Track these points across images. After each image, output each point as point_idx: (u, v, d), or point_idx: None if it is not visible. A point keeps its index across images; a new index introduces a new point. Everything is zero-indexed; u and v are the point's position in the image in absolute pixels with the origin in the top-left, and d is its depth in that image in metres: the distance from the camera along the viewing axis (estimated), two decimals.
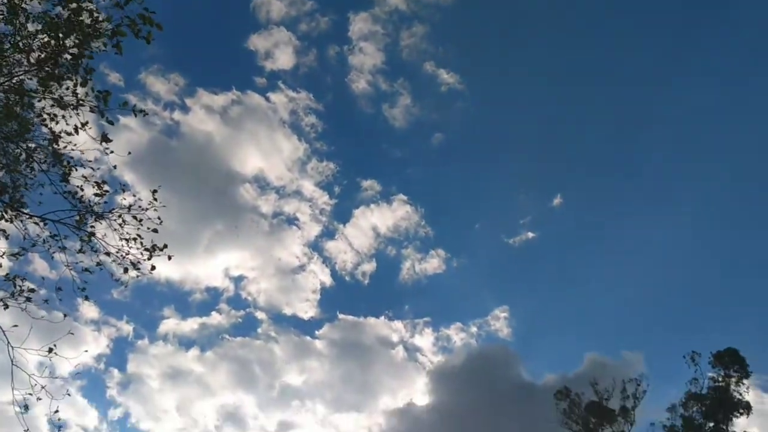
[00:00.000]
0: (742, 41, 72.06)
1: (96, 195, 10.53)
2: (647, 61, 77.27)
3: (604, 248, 77.93)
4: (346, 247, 71.34)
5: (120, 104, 9.47)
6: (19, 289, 10.43)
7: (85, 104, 9.57)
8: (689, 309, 74.75)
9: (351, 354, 70.33)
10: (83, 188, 10.57)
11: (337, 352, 70.75)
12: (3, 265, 10.56)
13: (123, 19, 8.38)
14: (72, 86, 9.33)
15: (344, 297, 74.77)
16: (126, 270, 10.79)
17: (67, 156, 10.46)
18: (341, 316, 71.42)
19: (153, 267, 10.83)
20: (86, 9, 8.54)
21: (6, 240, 10.83)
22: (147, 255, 10.70)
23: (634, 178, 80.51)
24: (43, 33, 8.92)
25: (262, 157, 73.64)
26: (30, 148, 10.46)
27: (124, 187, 10.79)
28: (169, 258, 10.73)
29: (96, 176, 10.55)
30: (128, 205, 10.68)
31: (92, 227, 10.68)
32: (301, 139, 71.49)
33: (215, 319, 66.70)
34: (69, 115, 9.74)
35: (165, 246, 10.69)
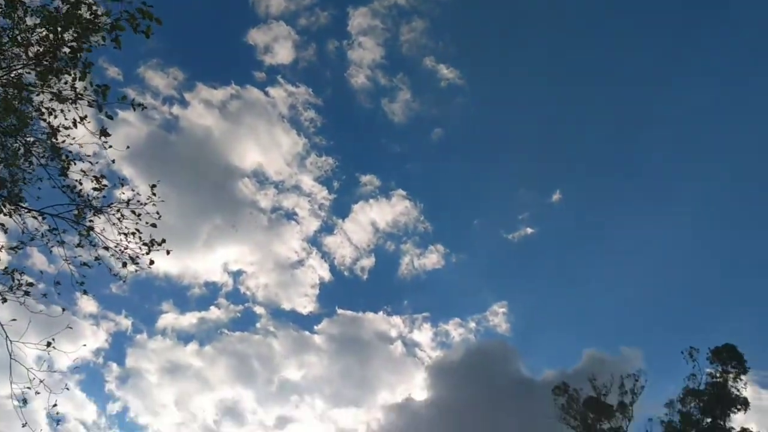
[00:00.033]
0: (742, 41, 71.91)
1: (94, 189, 10.53)
2: (647, 60, 77.18)
3: (602, 244, 78.04)
4: (345, 242, 71.27)
5: (119, 98, 9.46)
6: (17, 282, 10.46)
7: (83, 98, 9.55)
8: (687, 305, 74.91)
9: (350, 349, 70.43)
10: (82, 182, 10.58)
11: (336, 347, 70.85)
12: (2, 259, 10.57)
13: (122, 13, 8.36)
14: (71, 80, 9.31)
15: (343, 292, 74.78)
16: (125, 264, 10.80)
17: (66, 150, 10.46)
18: (340, 311, 71.51)
19: (152, 261, 10.84)
20: (85, 3, 8.51)
21: (4, 234, 10.84)
22: (146, 249, 10.71)
23: (633, 175, 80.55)
24: (42, 27, 8.89)
25: (261, 151, 73.57)
26: (29, 142, 10.45)
27: (122, 181, 10.81)
28: (168, 253, 10.73)
29: (95, 170, 10.57)
30: (127, 200, 10.68)
31: (91, 221, 10.68)
32: (300, 134, 71.32)
33: (214, 313, 66.72)
34: (67, 109, 9.73)
35: (163, 241, 10.71)
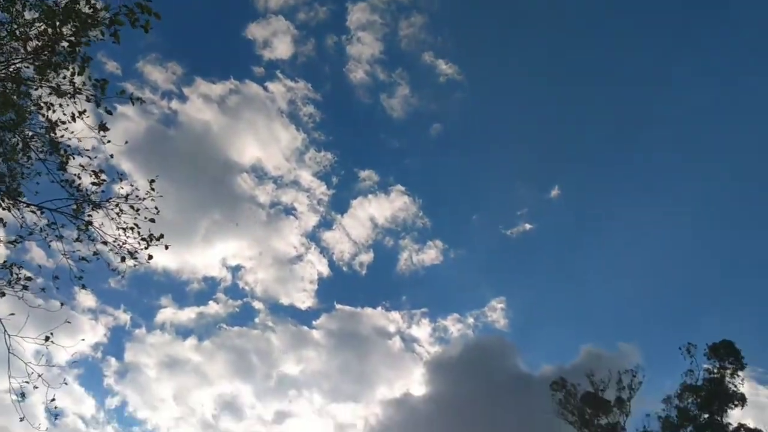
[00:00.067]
0: (742, 41, 71.76)
1: (93, 184, 10.51)
2: (646, 57, 77.08)
3: (600, 240, 78.00)
4: (344, 238, 71.35)
5: (117, 93, 9.45)
6: (16, 277, 10.47)
7: (82, 93, 9.53)
8: (685, 301, 75.08)
9: (348, 344, 70.54)
10: (80, 177, 10.56)
11: (335, 342, 70.98)
12: (0, 253, 10.58)
13: (121, 8, 8.33)
14: (69, 75, 9.29)
15: (342, 287, 74.89)
16: (123, 259, 10.80)
17: (65, 145, 10.44)
18: (338, 306, 71.54)
19: (150, 256, 10.84)
20: None
21: (3, 228, 10.84)
22: (144, 244, 10.71)
23: (631, 172, 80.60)
24: (40, 21, 8.86)
25: (259, 146, 73.48)
26: (27, 137, 10.42)
27: (121, 176, 10.79)
28: (166, 248, 10.72)
29: (93, 165, 10.53)
30: (125, 195, 10.67)
31: (89, 216, 10.68)
32: (299, 129, 71.27)
33: (212, 308, 66.83)
34: (66, 103, 9.71)
35: (162, 236, 10.69)
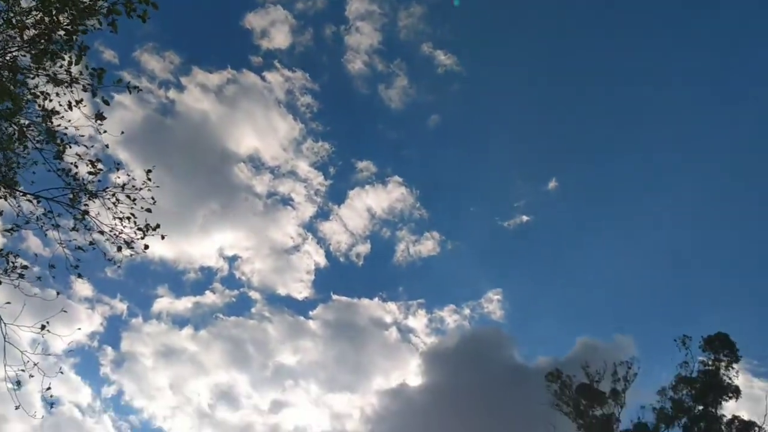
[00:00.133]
0: (743, 41, 71.42)
1: (90, 173, 10.51)
2: (646, 53, 76.51)
3: (597, 233, 77.74)
4: (341, 228, 71.05)
5: (114, 81, 9.43)
6: (12, 265, 10.46)
7: (79, 82, 9.51)
8: (681, 293, 74.95)
9: (344, 335, 70.50)
10: (77, 166, 10.54)
11: (331, 332, 70.93)
12: None
13: None
14: (66, 63, 9.26)
15: (338, 278, 74.60)
16: (119, 249, 10.80)
17: (61, 133, 10.41)
18: (335, 297, 71.33)
19: (146, 246, 10.84)
20: None
21: (0, 217, 10.83)
22: (141, 234, 10.71)
23: (629, 164, 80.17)
24: (37, 9, 8.82)
25: (257, 136, 72.99)
26: (23, 126, 10.40)
27: (118, 165, 10.80)
28: (163, 237, 10.72)
29: (90, 154, 10.53)
30: (122, 184, 10.66)
31: (86, 205, 10.67)
32: (296, 119, 70.76)
33: (209, 298, 66.65)
34: (63, 92, 9.68)
35: (158, 225, 10.69)
